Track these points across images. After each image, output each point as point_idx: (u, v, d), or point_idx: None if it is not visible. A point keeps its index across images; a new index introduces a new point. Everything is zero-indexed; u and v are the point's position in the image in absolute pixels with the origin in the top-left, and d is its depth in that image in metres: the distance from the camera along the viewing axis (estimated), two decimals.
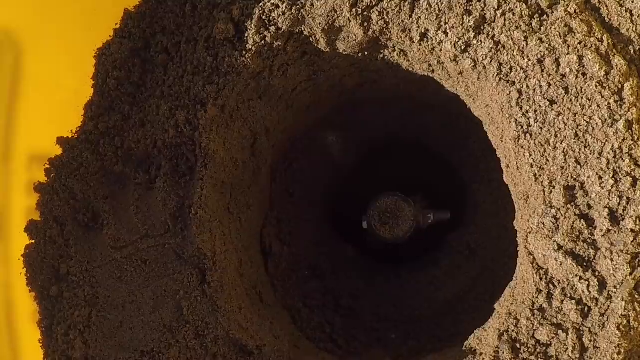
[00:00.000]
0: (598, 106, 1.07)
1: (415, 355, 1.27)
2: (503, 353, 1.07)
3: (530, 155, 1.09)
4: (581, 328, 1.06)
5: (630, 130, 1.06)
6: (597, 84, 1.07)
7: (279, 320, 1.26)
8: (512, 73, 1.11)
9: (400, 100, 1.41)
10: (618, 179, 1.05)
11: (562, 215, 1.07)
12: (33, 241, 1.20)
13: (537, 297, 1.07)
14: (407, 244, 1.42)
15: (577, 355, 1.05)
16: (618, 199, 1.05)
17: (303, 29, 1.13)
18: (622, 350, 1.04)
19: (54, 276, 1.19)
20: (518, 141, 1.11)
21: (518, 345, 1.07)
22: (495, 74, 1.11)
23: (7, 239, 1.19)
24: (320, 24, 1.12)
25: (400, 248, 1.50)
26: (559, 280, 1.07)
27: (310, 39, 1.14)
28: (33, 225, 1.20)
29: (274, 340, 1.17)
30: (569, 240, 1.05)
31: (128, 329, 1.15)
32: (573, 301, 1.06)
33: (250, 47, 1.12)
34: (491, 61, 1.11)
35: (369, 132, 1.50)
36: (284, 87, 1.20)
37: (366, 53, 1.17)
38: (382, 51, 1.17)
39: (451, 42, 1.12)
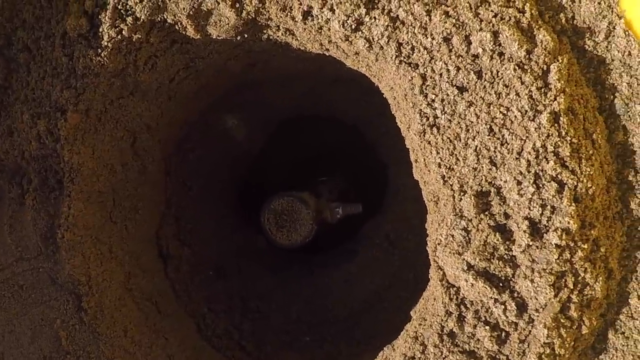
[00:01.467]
0: (517, 94, 0.89)
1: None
2: None
3: (438, 153, 0.93)
4: (498, 356, 0.92)
5: (556, 125, 0.87)
6: (516, 67, 0.88)
7: (179, 331, 1.15)
8: (414, 54, 0.92)
9: (301, 77, 1.21)
10: (540, 185, 0.88)
11: (473, 227, 0.91)
12: None
13: (446, 321, 0.94)
14: (315, 244, 1.26)
15: None
16: (540, 208, 0.89)
17: (166, 17, 0.95)
18: None
19: None
20: (424, 135, 0.93)
21: None
22: (394, 55, 0.92)
23: None
24: (184, 9, 0.94)
25: (308, 247, 1.35)
26: (471, 302, 0.93)
27: (176, 27, 0.96)
28: None
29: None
30: (480, 259, 0.90)
31: None
32: (487, 327, 0.91)
33: (106, 43, 0.95)
34: (388, 41, 0.92)
35: (271, 112, 1.31)
36: (157, 80, 1.03)
37: (246, 35, 0.98)
38: (264, 31, 0.98)
39: (339, 21, 0.92)
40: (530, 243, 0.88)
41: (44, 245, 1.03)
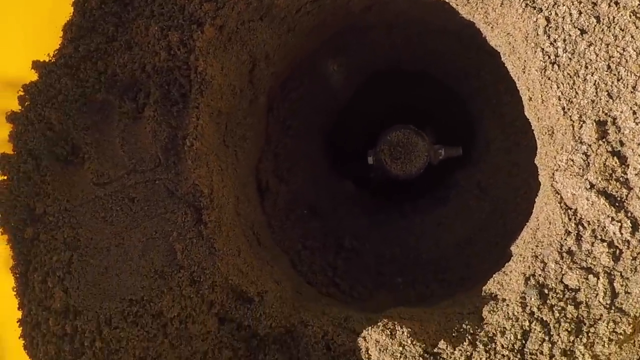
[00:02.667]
0: (632, 37, 1.00)
1: (424, 301, 1.17)
2: (530, 299, 0.98)
3: (558, 87, 1.02)
4: (612, 272, 0.98)
5: None
6: (631, 14, 1.00)
7: (278, 263, 1.14)
8: None
9: (408, 24, 1.30)
10: None
11: (593, 152, 0.99)
12: (5, 177, 1.09)
13: (565, 239, 1.00)
14: (413, 182, 1.31)
15: (608, 301, 0.98)
16: None
17: None
18: None
19: (28, 216, 1.06)
20: (544, 72, 1.03)
21: (546, 291, 0.99)
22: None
23: None
24: None
25: (405, 186, 1.40)
26: (588, 222, 1.00)
27: None
28: (5, 159, 1.08)
29: (276, 286, 1.06)
30: (601, 179, 0.98)
31: (114, 275, 1.03)
32: (604, 243, 0.98)
33: None
34: None
35: (372, 58, 1.38)
36: (287, 8, 1.08)
37: None
38: None
39: None
40: None
41: (164, 157, 1.02)
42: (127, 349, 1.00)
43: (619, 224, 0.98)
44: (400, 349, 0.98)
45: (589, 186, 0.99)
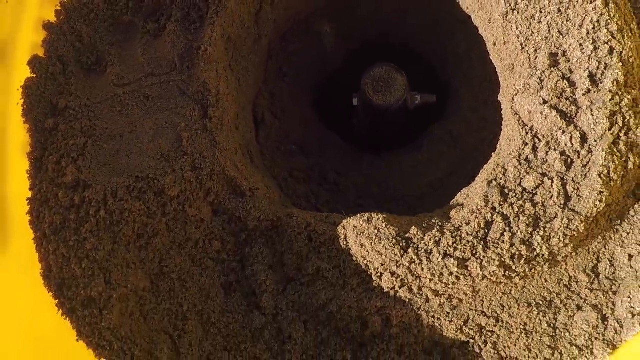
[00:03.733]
0: None
1: None
2: (492, 196, 1.10)
3: (517, 28, 1.20)
4: (565, 177, 1.11)
5: (607, 7, 1.18)
6: None
7: (269, 180, 1.26)
8: None
9: None
10: (597, 47, 1.15)
11: (546, 76, 1.16)
12: (34, 75, 1.20)
13: (523, 149, 1.13)
14: (391, 132, 1.45)
15: (562, 202, 1.10)
16: (597, 63, 1.14)
17: None
18: (604, 199, 1.09)
19: (50, 110, 1.18)
20: (506, 17, 1.21)
21: (506, 191, 1.11)
22: None
23: (10, 69, 1.18)
24: None
25: (384, 133, 1.53)
26: (543, 135, 1.14)
27: None
28: (37, 60, 1.20)
29: (266, 189, 1.18)
30: (553, 96, 1.13)
31: (124, 156, 1.14)
32: (557, 152, 1.12)
33: None
34: None
35: (362, 27, 1.57)
36: None
37: None
38: None
39: None
40: (590, 88, 1.14)
41: (180, 62, 1.17)
42: (128, 222, 1.09)
43: (570, 135, 1.13)
44: (376, 231, 1.09)
45: (542, 102, 1.14)
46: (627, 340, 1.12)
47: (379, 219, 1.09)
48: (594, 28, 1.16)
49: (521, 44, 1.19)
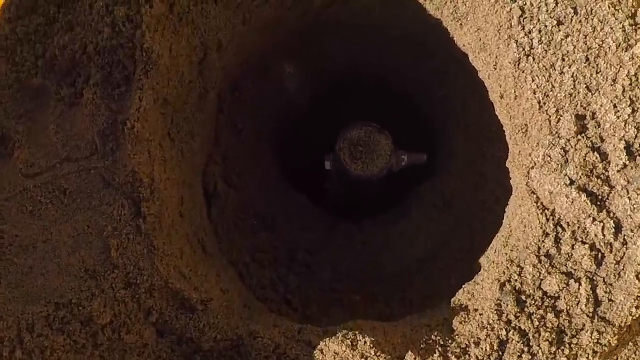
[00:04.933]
0: (611, 28, 0.95)
1: (384, 321, 1.07)
2: (507, 306, 0.89)
3: (533, 80, 0.97)
4: (594, 277, 0.91)
5: None
6: (610, 5, 0.95)
7: (226, 273, 1.03)
8: None
9: (367, 31, 1.23)
10: (635, 108, 0.92)
11: (571, 146, 0.93)
12: None
13: (543, 242, 0.93)
14: (370, 194, 1.22)
15: (591, 309, 0.90)
16: (635, 130, 0.92)
17: None
18: None
19: None
20: (518, 65, 0.98)
21: (523, 298, 0.91)
22: None
23: None
24: None
25: (363, 198, 1.30)
26: (568, 222, 0.93)
27: None
28: None
29: (222, 295, 0.95)
30: (582, 174, 0.91)
31: (39, 275, 0.91)
32: (585, 246, 0.91)
33: None
34: None
35: (329, 65, 1.31)
36: None
37: None
38: None
39: None
40: (626, 163, 0.91)
41: (101, 143, 0.91)
42: None
43: (601, 224, 0.92)
44: None
45: (568, 182, 0.92)
46: None
47: (365, 342, 0.87)
48: (631, 84, 0.93)
49: (538, 102, 0.96)
